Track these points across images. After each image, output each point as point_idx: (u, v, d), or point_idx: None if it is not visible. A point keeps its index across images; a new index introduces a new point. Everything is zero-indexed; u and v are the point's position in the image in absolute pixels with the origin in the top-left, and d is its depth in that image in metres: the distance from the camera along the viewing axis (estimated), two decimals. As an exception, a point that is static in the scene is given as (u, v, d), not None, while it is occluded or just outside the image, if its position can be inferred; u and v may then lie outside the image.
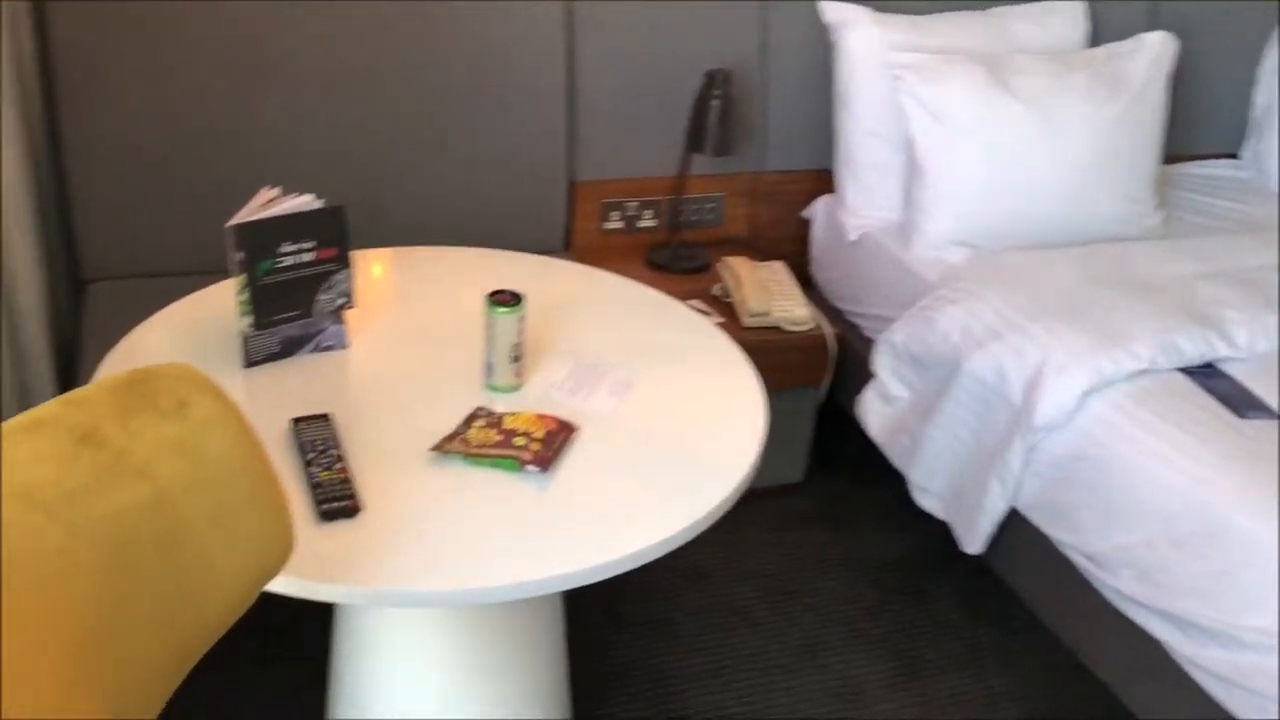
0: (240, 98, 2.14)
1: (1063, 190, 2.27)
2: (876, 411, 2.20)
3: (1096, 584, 1.78)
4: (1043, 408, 1.82)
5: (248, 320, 1.48)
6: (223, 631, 0.98)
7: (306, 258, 1.49)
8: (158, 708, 0.94)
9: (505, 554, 1.22)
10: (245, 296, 1.46)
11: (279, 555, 0.98)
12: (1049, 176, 2.26)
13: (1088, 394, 1.82)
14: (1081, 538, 1.80)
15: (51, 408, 0.85)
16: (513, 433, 1.36)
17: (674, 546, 1.27)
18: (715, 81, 2.28)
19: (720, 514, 1.33)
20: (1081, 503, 1.79)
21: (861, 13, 2.38)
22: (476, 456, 1.34)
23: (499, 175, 2.34)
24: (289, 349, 1.54)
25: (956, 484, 2.03)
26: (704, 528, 1.30)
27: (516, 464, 1.33)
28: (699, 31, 2.39)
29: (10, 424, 0.83)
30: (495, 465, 1.33)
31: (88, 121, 2.07)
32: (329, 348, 1.56)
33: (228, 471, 0.91)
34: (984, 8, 2.51)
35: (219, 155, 2.16)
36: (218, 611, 0.96)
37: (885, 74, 2.34)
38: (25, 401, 1.93)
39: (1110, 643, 1.80)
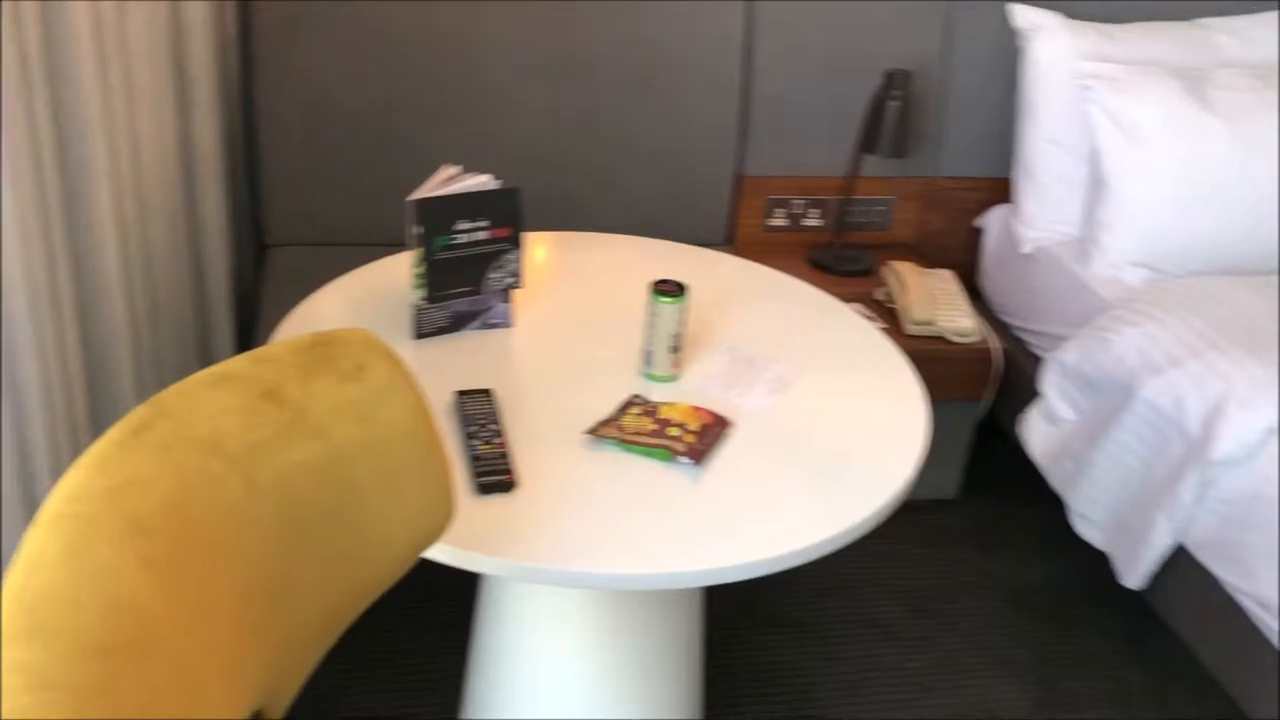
0: (426, 79, 2.20)
1: (1258, 214, 2.14)
2: (1040, 432, 2.12)
3: (1268, 633, 1.68)
4: (1222, 442, 1.72)
5: (420, 293, 1.52)
6: (380, 592, 1.01)
7: (480, 236, 1.52)
8: (315, 660, 0.97)
9: (655, 542, 1.22)
10: (420, 270, 1.50)
11: (440, 522, 1.00)
12: (1244, 199, 2.13)
13: (1273, 431, 1.71)
14: (1255, 583, 1.69)
15: (240, 363, 0.89)
16: (667, 423, 1.36)
17: (826, 552, 1.25)
18: (895, 82, 2.24)
19: (875, 524, 1.30)
20: (1258, 545, 1.69)
21: (1053, 18, 2.30)
22: (630, 443, 1.34)
23: (666, 166, 2.35)
24: (456, 324, 1.57)
25: (1120, 514, 1.94)
26: (857, 536, 1.28)
27: (669, 454, 1.32)
28: (880, 30, 2.34)
29: (201, 376, 0.87)
30: (648, 454, 1.33)
31: (281, 93, 2.16)
32: (494, 325, 1.59)
33: (399, 437, 0.93)
34: (1185, 18, 2.39)
35: (402, 132, 2.22)
36: (378, 572, 0.99)
37: (1074, 83, 2.25)
38: (206, 356, 2.03)
39: None
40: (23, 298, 1.10)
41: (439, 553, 1.18)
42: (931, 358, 2.12)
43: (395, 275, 1.68)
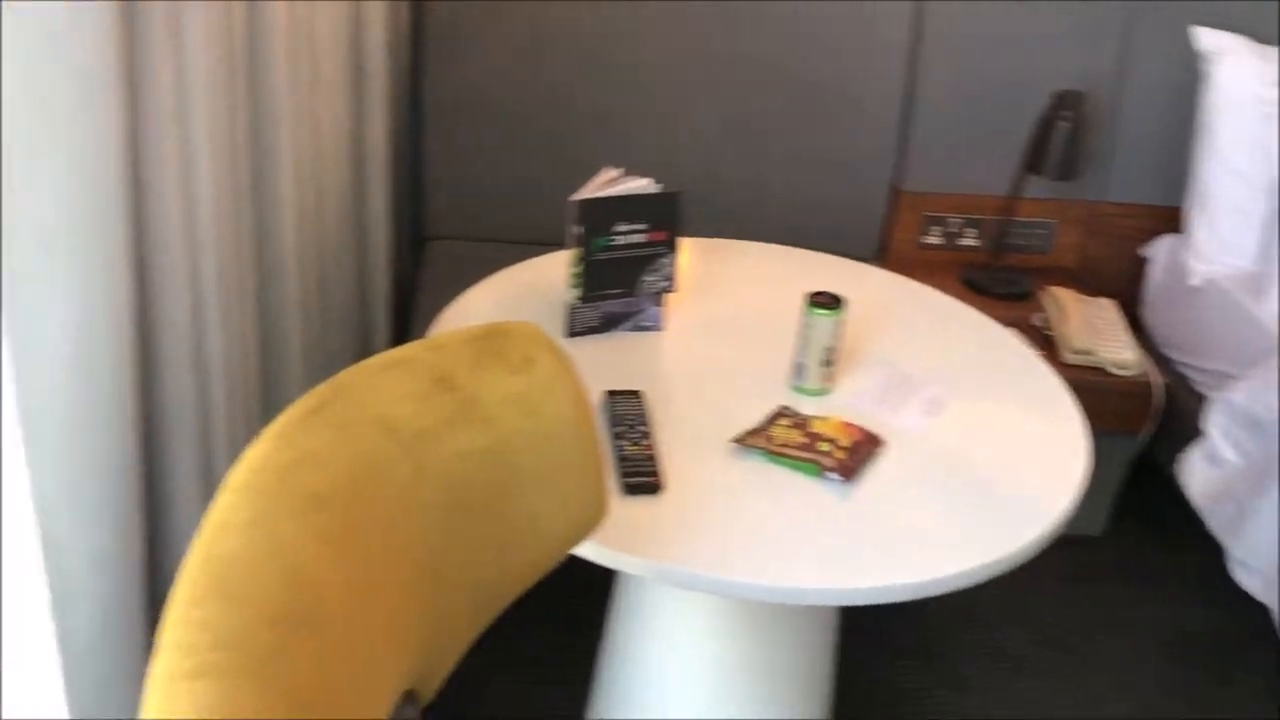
0: (589, 81, 2.23)
1: None
2: (1201, 473, 2.02)
3: None
4: (1407, 498, 1.62)
5: (576, 292, 1.54)
6: (530, 584, 1.02)
7: (638, 239, 1.53)
8: (466, 645, 0.99)
9: (800, 557, 1.21)
10: (578, 269, 1.52)
11: (593, 518, 1.01)
12: None
13: None
14: None
15: (414, 349, 0.91)
16: (818, 437, 1.35)
17: (975, 582, 1.22)
18: (1065, 102, 2.17)
19: (1028, 556, 1.26)
20: None
21: (1240, 42, 2.19)
22: (778, 455, 1.33)
23: (820, 175, 2.33)
24: (608, 324, 1.59)
25: (1285, 566, 1.83)
26: (1009, 568, 1.24)
27: (818, 469, 1.31)
28: (1052, 47, 2.28)
29: (378, 359, 0.90)
30: (796, 467, 1.32)
31: (447, 91, 2.22)
32: (645, 328, 1.60)
33: (561, 431, 0.94)
34: (1387, 46, 2.25)
35: (563, 133, 2.26)
36: (530, 564, 1.00)
37: (1259, 110, 2.14)
38: (364, 341, 2.10)
39: None
40: (214, 274, 1.16)
41: (583, 548, 1.19)
42: (1089, 389, 2.03)
43: (550, 273, 1.70)
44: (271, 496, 0.75)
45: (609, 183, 1.56)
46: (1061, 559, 2.24)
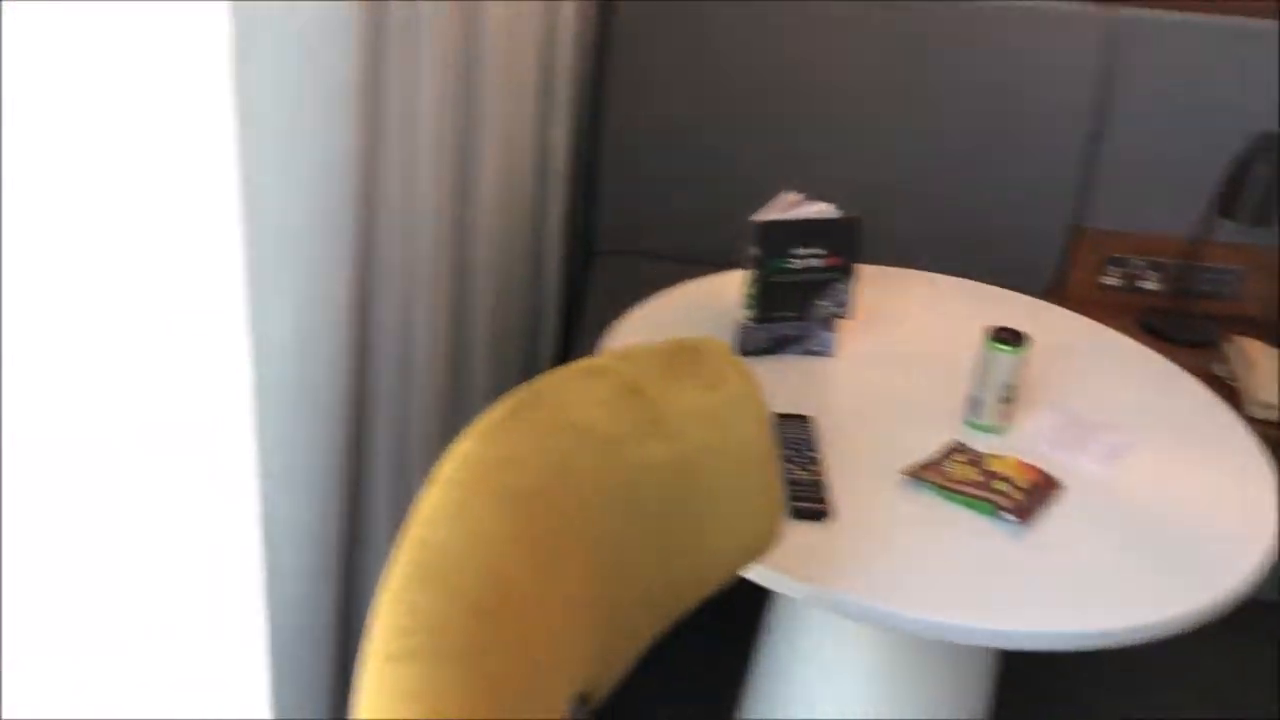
0: (772, 102, 2.24)
1: None
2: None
3: None
4: None
5: (749, 312, 1.55)
6: (700, 599, 1.03)
7: (815, 263, 1.53)
8: (636, 654, 1.00)
9: (967, 596, 1.18)
10: (752, 290, 1.53)
11: (765, 542, 1.01)
12: None
13: None
14: None
15: (609, 359, 0.94)
16: (994, 475, 1.32)
17: (1153, 637, 1.17)
18: (1266, 144, 2.07)
19: (1212, 616, 1.20)
20: None
21: None
22: (951, 491, 1.31)
23: (996, 206, 2.28)
24: (778, 346, 1.59)
25: None
26: (1190, 626, 1.19)
27: (993, 508, 1.28)
28: (1252, 85, 2.18)
29: (575, 367, 0.92)
30: (969, 505, 1.30)
31: (629, 107, 2.26)
32: (815, 352, 1.59)
33: (745, 450, 0.95)
34: None
35: (739, 153, 2.27)
36: (700, 580, 1.01)
37: None
38: (532, 349, 2.15)
39: None
40: (425, 277, 1.21)
41: (751, 570, 1.19)
42: (1273, 445, 1.94)
43: (722, 292, 1.71)
44: (474, 492, 0.78)
45: (789, 206, 1.57)
46: (1239, 620, 2.14)
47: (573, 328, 2.26)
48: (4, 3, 0.68)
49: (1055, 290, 2.36)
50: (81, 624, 0.88)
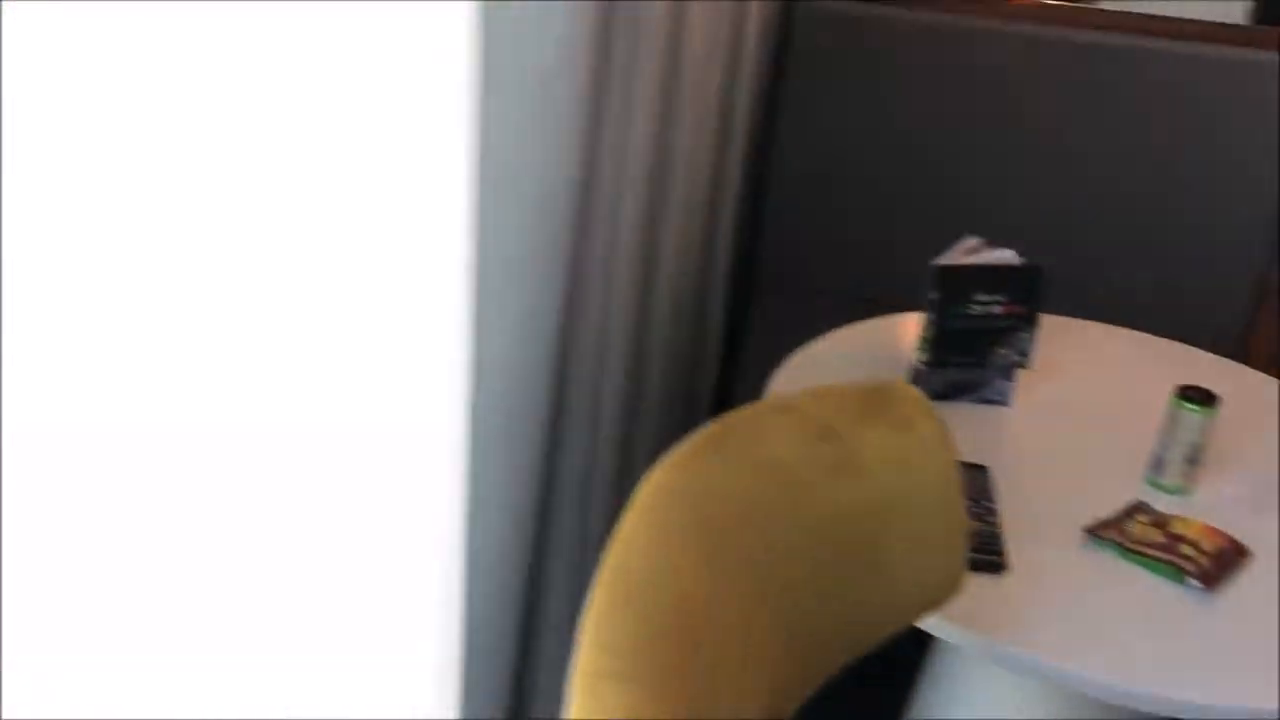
0: (951, 146, 2.21)
1: None
2: None
3: None
4: None
5: (924, 356, 1.53)
6: (873, 644, 1.02)
7: (995, 310, 1.51)
8: (809, 691, 1.00)
9: (1148, 662, 1.14)
10: (929, 334, 1.52)
11: (948, 588, 1.00)
12: None
13: None
14: None
15: (801, 398, 0.94)
16: (1179, 539, 1.27)
17: (1354, 720, 1.11)
18: None
19: None
20: None
21: None
22: (1134, 553, 1.26)
23: (1180, 259, 2.20)
24: (951, 392, 1.57)
25: None
26: (1396, 710, 1.12)
27: (1178, 573, 1.24)
28: None
29: (766, 403, 0.94)
30: (1152, 568, 1.25)
31: (800, 142, 2.27)
32: (991, 401, 1.57)
33: (933, 495, 0.94)
34: None
35: (914, 196, 2.25)
36: (878, 625, 1.01)
37: None
38: (692, 384, 2.16)
39: None
40: (619, 306, 1.24)
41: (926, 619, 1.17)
42: None
43: (892, 334, 1.70)
44: (668, 522, 0.80)
45: (969, 251, 1.55)
46: None
47: (732, 361, 2.27)
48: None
49: (1240, 346, 2.26)
50: (298, 636, 0.92)
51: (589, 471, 1.28)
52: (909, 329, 1.63)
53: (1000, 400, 1.56)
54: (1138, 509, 1.33)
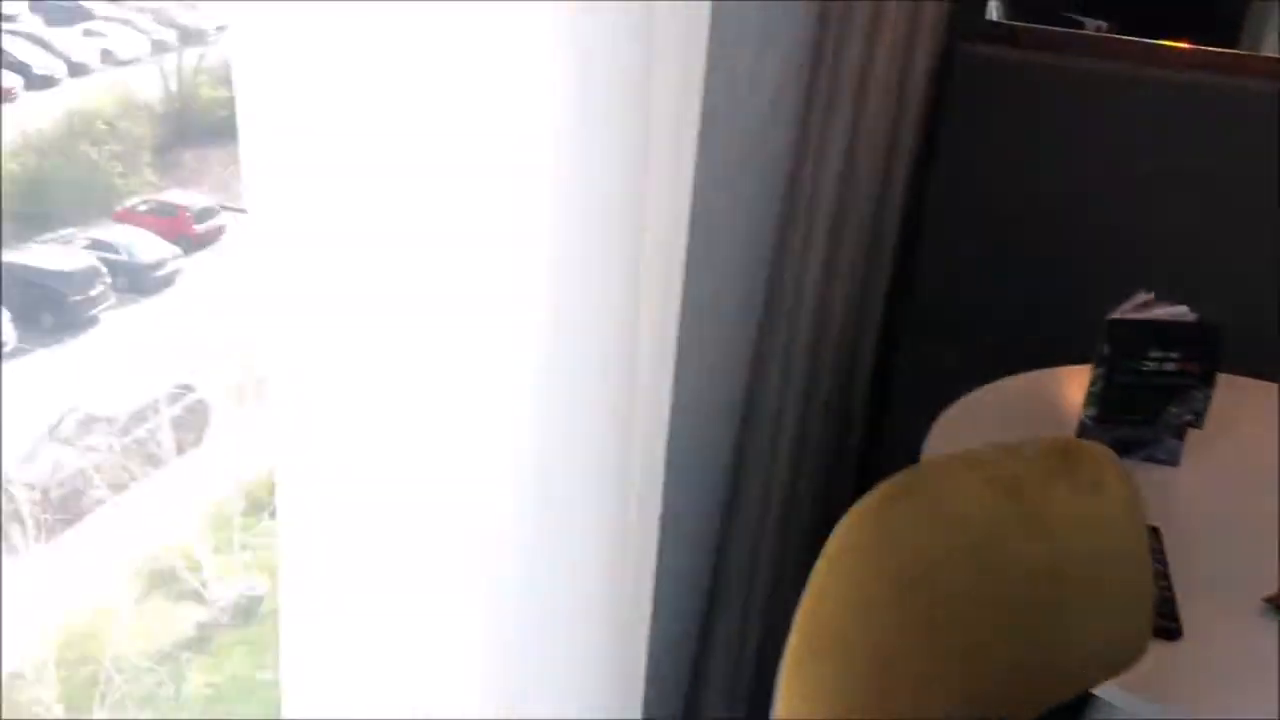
0: (1113, 195, 2.16)
1: None
2: None
3: None
4: None
5: (1091, 411, 1.50)
6: (1050, 705, 1.01)
7: (1169, 367, 1.47)
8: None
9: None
10: (1098, 388, 1.49)
11: (1130, 657, 0.98)
12: None
13: None
14: None
15: (989, 452, 0.94)
16: (1367, 614, 1.22)
17: None
18: None
19: None
20: None
21: None
22: (1318, 625, 1.21)
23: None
24: (1119, 449, 1.52)
25: None
26: None
27: (1366, 650, 1.18)
28: None
29: (955, 456, 0.94)
30: (1337, 642, 1.20)
31: (958, 187, 2.24)
32: (1160, 460, 1.53)
33: (1119, 558, 0.93)
34: None
35: (1069, 244, 2.20)
36: (1055, 687, 0.99)
37: None
38: (846, 429, 2.14)
39: None
40: (803, 343, 1.24)
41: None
42: None
43: (1053, 388, 1.67)
44: (861, 573, 0.81)
45: (1141, 306, 1.52)
46: None
47: (881, 406, 2.25)
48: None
49: None
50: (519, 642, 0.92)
51: (766, 508, 1.29)
52: (1071, 383, 1.60)
53: (1169, 460, 1.52)
54: (1321, 581, 1.28)
